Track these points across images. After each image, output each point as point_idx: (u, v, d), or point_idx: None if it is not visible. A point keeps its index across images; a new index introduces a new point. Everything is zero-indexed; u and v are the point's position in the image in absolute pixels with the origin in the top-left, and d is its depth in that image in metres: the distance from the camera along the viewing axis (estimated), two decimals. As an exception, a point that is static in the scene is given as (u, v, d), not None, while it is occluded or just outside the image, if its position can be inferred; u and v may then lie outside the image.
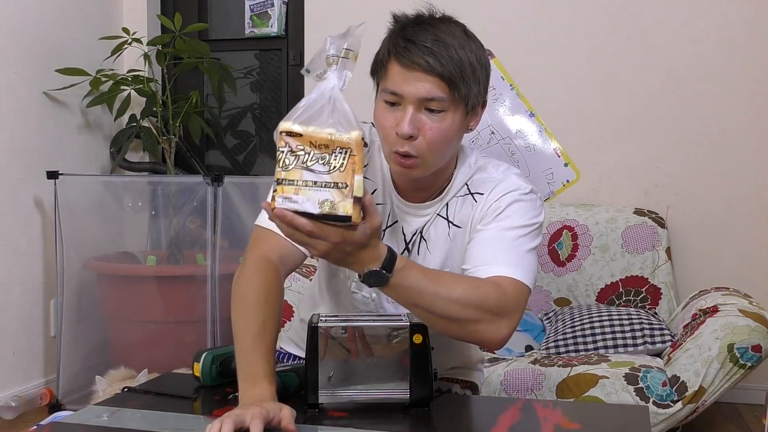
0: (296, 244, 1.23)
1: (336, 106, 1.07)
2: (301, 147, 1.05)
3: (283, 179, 1.05)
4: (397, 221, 1.45)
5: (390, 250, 1.18)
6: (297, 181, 1.05)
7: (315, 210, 1.05)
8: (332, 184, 1.05)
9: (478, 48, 1.33)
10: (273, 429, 1.14)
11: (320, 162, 1.04)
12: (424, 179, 1.39)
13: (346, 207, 1.05)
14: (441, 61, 1.27)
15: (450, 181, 1.43)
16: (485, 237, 1.37)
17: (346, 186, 1.05)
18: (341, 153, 1.05)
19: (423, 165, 1.33)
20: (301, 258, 1.39)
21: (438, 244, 1.44)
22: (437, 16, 1.35)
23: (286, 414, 1.15)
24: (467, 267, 1.36)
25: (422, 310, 1.25)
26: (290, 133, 1.05)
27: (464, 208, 1.43)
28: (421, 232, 1.44)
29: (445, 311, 1.24)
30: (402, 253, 1.44)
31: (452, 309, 1.24)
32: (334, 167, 1.05)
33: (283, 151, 1.05)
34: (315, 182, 1.05)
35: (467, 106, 1.33)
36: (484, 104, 1.39)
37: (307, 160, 1.05)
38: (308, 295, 1.70)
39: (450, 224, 1.44)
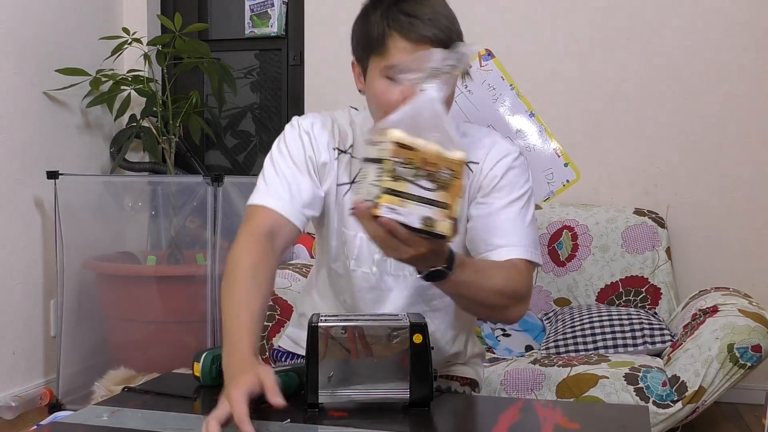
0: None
1: (437, 123, 1.10)
2: (411, 160, 1.07)
3: (390, 189, 1.07)
4: None
5: (450, 249, 1.24)
6: (403, 193, 1.07)
7: (417, 225, 1.08)
8: (435, 202, 1.08)
9: (456, 17, 1.40)
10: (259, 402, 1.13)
11: (427, 179, 1.07)
12: None
13: (444, 226, 1.09)
14: (444, 33, 1.33)
15: None
16: (489, 217, 1.43)
17: (447, 207, 1.09)
18: (447, 173, 1.08)
19: None
20: (294, 232, 1.42)
21: None
22: None
23: (267, 383, 1.13)
24: (480, 251, 1.43)
25: (465, 299, 1.35)
26: (402, 144, 1.06)
27: None
28: None
29: (485, 300, 1.35)
30: None
31: (492, 299, 1.35)
32: (439, 186, 1.08)
33: (392, 160, 1.07)
34: (420, 197, 1.08)
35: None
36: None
37: (415, 174, 1.07)
38: (306, 286, 1.72)
39: None
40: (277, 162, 1.46)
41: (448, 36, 1.33)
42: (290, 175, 1.44)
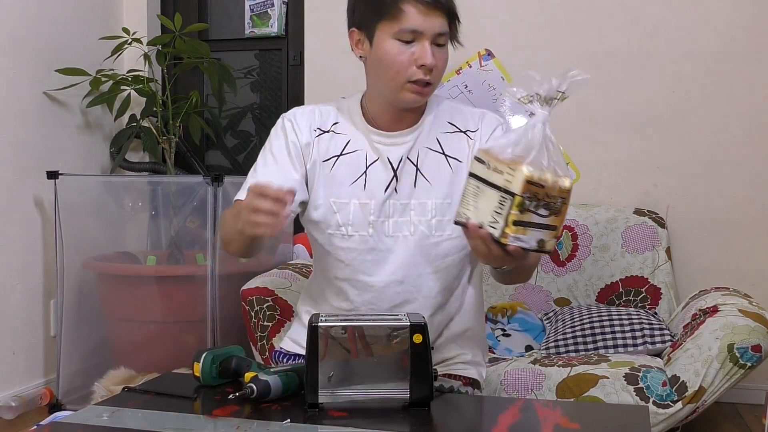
0: None
1: (550, 148, 1.23)
2: (536, 194, 1.20)
3: (518, 221, 1.21)
4: (378, 158, 1.55)
5: None
6: (527, 222, 1.22)
7: (533, 247, 1.24)
8: (547, 226, 1.23)
9: None
10: None
11: (545, 207, 1.21)
12: (409, 108, 1.54)
13: (551, 245, 1.25)
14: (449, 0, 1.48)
15: (424, 112, 1.58)
16: None
17: (555, 228, 1.24)
18: (561, 201, 1.23)
19: (432, 90, 1.52)
20: None
21: (441, 177, 1.56)
22: None
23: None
24: None
25: (511, 277, 1.50)
26: (532, 182, 1.19)
27: (460, 146, 1.58)
28: (408, 158, 1.55)
29: (523, 276, 1.56)
30: (391, 181, 1.55)
31: (527, 274, 1.56)
32: (552, 212, 1.23)
33: (524, 197, 1.19)
34: (538, 224, 1.22)
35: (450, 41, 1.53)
36: None
37: (537, 205, 1.21)
38: (308, 282, 1.77)
39: (449, 158, 1.56)
40: (258, 162, 1.61)
41: (453, 4, 1.47)
42: (264, 172, 1.57)
